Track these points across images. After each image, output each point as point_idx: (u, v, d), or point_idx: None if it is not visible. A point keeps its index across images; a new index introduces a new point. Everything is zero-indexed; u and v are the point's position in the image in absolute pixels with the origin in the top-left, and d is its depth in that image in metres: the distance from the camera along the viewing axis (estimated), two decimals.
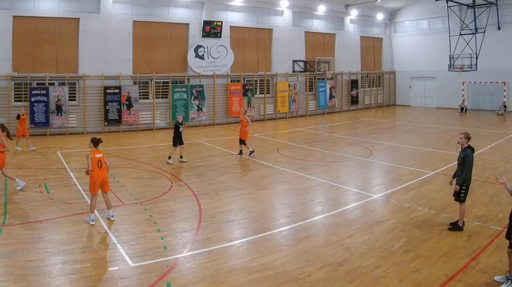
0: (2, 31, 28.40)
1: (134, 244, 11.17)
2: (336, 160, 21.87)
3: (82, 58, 31.13)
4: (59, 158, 22.28)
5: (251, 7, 38.96)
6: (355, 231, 12.06)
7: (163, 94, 34.40)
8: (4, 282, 8.95)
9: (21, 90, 29.43)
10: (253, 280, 9.26)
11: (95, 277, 9.32)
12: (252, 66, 39.41)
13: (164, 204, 14.64)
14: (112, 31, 31.97)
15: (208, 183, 17.45)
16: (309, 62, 42.70)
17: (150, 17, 33.86)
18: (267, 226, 12.62)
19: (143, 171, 19.67)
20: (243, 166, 21.19)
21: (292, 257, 10.44)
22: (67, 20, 30.70)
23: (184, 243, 11.31)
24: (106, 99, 31.51)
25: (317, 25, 44.04)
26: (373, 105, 48.88)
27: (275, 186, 17.27)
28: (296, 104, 41.23)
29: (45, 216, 13.12)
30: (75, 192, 15.82)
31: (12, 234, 11.57)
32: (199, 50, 35.84)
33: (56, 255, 10.35)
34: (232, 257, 10.59)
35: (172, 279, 9.24)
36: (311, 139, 28.65)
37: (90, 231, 12.13)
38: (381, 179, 18.61)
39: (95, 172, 12.59)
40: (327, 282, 9.19)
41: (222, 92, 37.12)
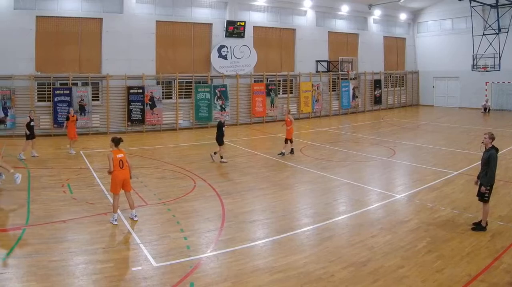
0: (25, 31, 27.32)
1: (157, 244, 10.93)
2: (359, 160, 21.19)
3: (105, 58, 30.02)
4: (82, 158, 21.57)
5: (274, 7, 37.44)
6: (378, 231, 11.75)
7: (186, 94, 33.10)
8: (27, 282, 8.77)
9: (44, 90, 28.41)
10: (276, 280, 9.04)
11: (118, 277, 9.13)
12: (275, 66, 37.88)
13: (187, 204, 14.23)
14: (135, 31, 30.79)
15: (232, 183, 16.99)
16: (332, 62, 41.05)
17: (173, 17, 32.60)
18: (290, 226, 12.29)
19: (166, 171, 19.03)
20: (266, 166, 20.24)
21: (315, 257, 10.18)
22: (90, 20, 29.61)
23: (207, 243, 11.05)
24: (129, 99, 30.35)
25: (340, 25, 42.34)
26: (396, 105, 46.95)
27: (298, 186, 16.80)
28: (319, 104, 39.63)
29: (68, 216, 12.80)
30: (98, 192, 15.42)
31: (35, 234, 11.32)
32: (222, 50, 34.48)
33: (79, 255, 10.14)
34: (255, 257, 10.33)
35: (195, 279, 9.02)
36: (334, 139, 27.62)
37: (113, 231, 11.86)
38: (404, 179, 18.05)
39: (117, 172, 12.25)
40: (350, 282, 8.95)
41: (245, 92, 35.71)
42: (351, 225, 12.39)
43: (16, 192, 15.20)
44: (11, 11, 26.98)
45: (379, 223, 12.46)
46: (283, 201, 14.68)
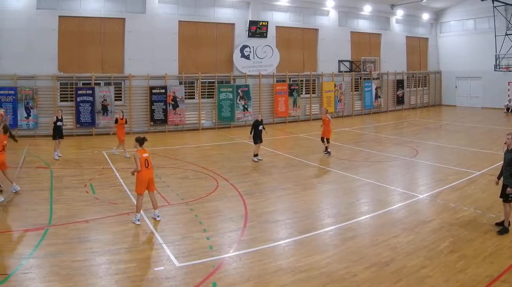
0: (48, 31, 26.38)
1: (179, 244, 10.60)
2: (381, 160, 20.42)
3: (127, 58, 28.92)
4: (104, 157, 20.89)
5: (297, 7, 35.98)
6: (400, 231, 11.39)
7: (208, 94, 31.90)
8: (50, 282, 8.50)
9: (67, 90, 27.42)
10: (299, 280, 8.77)
11: (141, 277, 8.89)
12: (298, 66, 36.39)
13: (210, 204, 13.80)
14: (157, 31, 29.69)
15: (254, 183, 16.42)
16: (355, 62, 39.46)
17: (195, 17, 31.41)
18: (312, 226, 11.93)
19: (189, 171, 18.36)
20: (289, 166, 19.37)
21: (338, 257, 9.88)
22: (112, 20, 28.58)
23: (230, 243, 10.72)
24: (152, 99, 29.26)
25: (363, 25, 40.68)
26: (418, 105, 45.13)
27: (320, 185, 16.34)
28: (342, 104, 38.08)
29: (91, 216, 12.46)
30: (120, 192, 14.96)
31: (58, 234, 11.02)
32: (245, 50, 33.23)
33: (102, 255, 9.86)
34: (278, 257, 10.02)
35: (217, 279, 8.78)
36: (357, 139, 26.53)
37: (136, 231, 11.53)
38: (427, 179, 17.36)
39: (143, 172, 11.88)
40: (373, 282, 8.68)
41: (267, 92, 34.35)
42: (373, 225, 12.05)
43: (38, 192, 14.69)
44: (34, 11, 26.05)
45: (402, 223, 12.08)
46: (305, 201, 14.19)
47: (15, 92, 25.69)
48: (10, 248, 10.20)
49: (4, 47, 25.48)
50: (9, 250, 10.06)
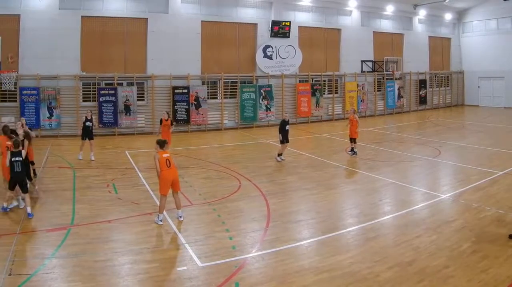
0: (70, 31, 25.29)
1: (202, 244, 10.27)
2: (404, 160, 19.66)
3: (150, 58, 27.73)
4: (127, 157, 20.12)
5: (320, 7, 34.34)
6: (423, 231, 10.98)
7: (231, 94, 30.51)
8: (72, 282, 8.28)
9: (90, 90, 26.32)
10: (322, 280, 8.50)
11: (163, 277, 8.64)
12: (320, 66, 34.76)
13: (232, 204, 13.34)
14: (180, 31, 28.40)
15: (277, 183, 15.85)
16: (377, 62, 37.60)
17: (218, 17, 30.06)
18: (335, 226, 11.57)
19: (212, 170, 17.73)
20: (312, 166, 18.65)
21: (361, 257, 9.54)
22: (135, 20, 27.41)
23: (252, 243, 10.38)
24: (174, 99, 27.99)
25: (386, 25, 38.81)
26: (441, 105, 42.99)
27: (343, 186, 15.76)
28: (364, 104, 36.35)
29: (113, 216, 12.10)
30: (143, 192, 14.47)
31: (81, 234, 10.71)
32: (267, 50, 31.74)
33: (125, 255, 9.57)
34: (301, 257, 9.71)
35: (240, 279, 8.51)
36: (380, 139, 25.28)
37: (158, 231, 11.17)
38: (449, 179, 16.77)
39: (165, 172, 11.47)
40: (395, 282, 8.41)
41: (290, 92, 32.78)
42: (396, 225, 11.67)
43: (61, 192, 14.22)
44: (57, 11, 25.01)
45: (424, 223, 11.64)
46: (328, 201, 13.75)
47: (37, 92, 24.65)
48: (33, 248, 9.91)
49: (27, 47, 24.46)
50: (31, 250, 9.79)
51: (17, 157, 11.83)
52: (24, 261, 9.10)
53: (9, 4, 24.04)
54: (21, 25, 24.41)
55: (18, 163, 11.82)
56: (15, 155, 11.84)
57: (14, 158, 11.79)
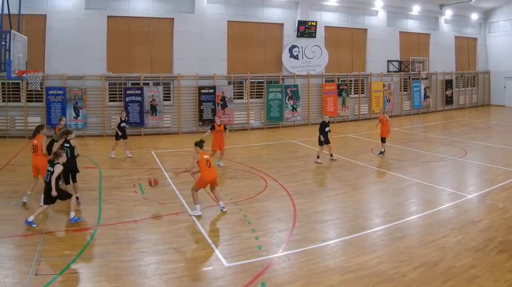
0: (96, 31, 23.82)
1: (228, 244, 9.81)
2: (430, 160, 18.62)
3: (176, 58, 26.07)
4: (153, 157, 19.10)
5: (346, 7, 32.17)
6: (449, 231, 10.46)
7: (257, 94, 28.65)
8: (99, 282, 7.85)
9: (116, 90, 24.78)
10: (348, 280, 8.01)
11: (190, 277, 8.20)
12: (346, 66, 32.60)
13: (258, 204, 12.66)
14: (206, 31, 26.66)
15: (303, 183, 14.96)
16: (403, 62, 35.22)
17: (244, 17, 28.23)
18: (361, 226, 10.98)
19: (238, 170, 16.83)
20: (338, 166, 17.72)
21: (387, 257, 9.05)
22: (161, 20, 25.78)
23: (278, 243, 9.88)
24: (200, 99, 26.28)
25: (412, 25, 36.34)
26: (467, 105, 40.33)
27: (369, 186, 14.93)
28: (390, 104, 33.95)
29: (139, 216, 11.52)
30: (169, 192, 13.67)
31: (107, 234, 10.23)
32: (293, 50, 29.77)
33: (151, 255, 9.12)
34: (327, 257, 9.25)
35: (266, 279, 8.07)
36: (406, 139, 23.73)
37: (184, 231, 10.60)
38: (476, 179, 15.98)
39: (205, 172, 11.36)
40: (421, 282, 7.90)
41: (316, 92, 30.72)
42: (422, 225, 11.09)
43: (87, 192, 13.47)
44: (83, 11, 23.57)
45: (450, 223, 11.10)
46: (354, 201, 13.05)
47: (64, 92, 23.22)
48: (59, 248, 9.39)
49: (53, 47, 23.09)
50: (58, 250, 9.26)
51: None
52: (50, 261, 8.61)
53: (35, 4, 22.59)
54: (47, 25, 23.07)
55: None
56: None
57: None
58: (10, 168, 16.46)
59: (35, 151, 12.00)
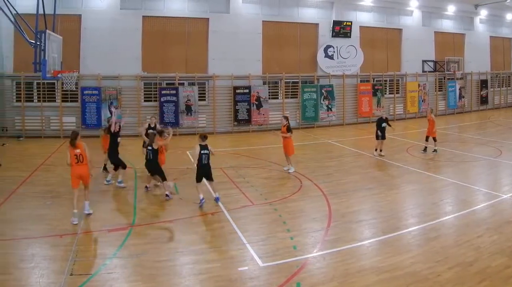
0: (132, 31, 21.56)
1: (263, 244, 8.80)
2: (465, 160, 17.02)
3: (211, 58, 23.53)
4: (188, 158, 17.26)
5: (381, 7, 28.87)
6: (484, 231, 9.32)
7: (292, 94, 25.85)
8: (134, 282, 7.18)
9: (151, 90, 22.40)
10: (383, 280, 7.20)
11: (225, 277, 7.36)
12: (381, 66, 29.33)
13: (293, 204, 11.55)
14: (241, 31, 24.04)
15: (338, 183, 13.69)
16: (438, 62, 31.66)
17: (279, 17, 25.42)
18: (396, 226, 9.84)
19: (273, 171, 15.27)
20: (373, 166, 16.33)
21: (422, 257, 8.10)
22: (196, 20, 23.31)
23: (313, 243, 8.86)
24: (235, 99, 23.73)
25: (447, 25, 32.64)
26: (502, 105, 36.33)
27: (404, 186, 13.61)
28: (425, 104, 30.20)
29: (174, 216, 10.50)
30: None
31: (142, 234, 9.33)
32: (328, 50, 26.81)
33: (186, 255, 8.26)
34: (362, 257, 8.27)
35: (301, 279, 7.24)
36: (441, 139, 20.84)
37: (220, 231, 9.61)
38: (511, 179, 14.56)
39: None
40: (456, 282, 7.14)
41: (351, 92, 27.64)
42: (457, 225, 10.07)
43: (123, 192, 12.48)
44: (118, 11, 21.37)
45: (485, 223, 10.04)
46: (389, 201, 11.93)
47: (99, 92, 21.05)
48: (95, 248, 8.80)
49: (88, 47, 20.96)
50: (93, 250, 8.68)
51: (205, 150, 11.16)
52: (85, 261, 7.94)
53: (70, 4, 20.53)
54: (82, 25, 20.97)
55: (206, 156, 11.16)
56: (203, 148, 11.14)
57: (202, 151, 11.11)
58: (45, 168, 15.02)
59: (80, 160, 10.13)
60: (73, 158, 9.94)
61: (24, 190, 12.19)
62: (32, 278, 7.20)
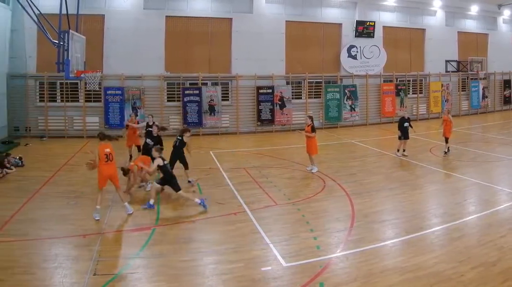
0: (155, 31, 19.95)
1: (287, 244, 8.06)
2: (488, 160, 15.64)
3: (234, 58, 21.74)
4: (212, 157, 16.06)
5: (404, 7, 26.58)
6: (507, 231, 8.47)
7: (315, 94, 23.85)
8: (157, 282, 6.63)
9: (174, 90, 20.72)
10: (406, 280, 6.61)
11: (248, 277, 6.76)
12: (404, 66, 27.00)
13: (316, 204, 10.51)
14: (264, 31, 22.13)
15: (361, 183, 12.55)
16: (462, 62, 29.14)
17: (302, 17, 23.44)
18: (419, 226, 8.93)
19: (296, 171, 14.05)
20: (396, 166, 15.05)
21: (445, 257, 7.38)
22: (220, 20, 21.53)
23: (337, 243, 8.09)
24: (258, 99, 21.88)
25: (470, 25, 30.06)
26: None
27: (427, 186, 12.42)
28: (449, 104, 27.84)
29: (197, 216, 9.58)
30: (228, 192, 11.46)
31: (165, 234, 8.53)
32: (351, 50, 24.76)
33: (209, 255, 7.59)
34: (385, 257, 7.56)
35: (325, 279, 6.67)
36: (464, 139, 19.93)
37: (243, 231, 8.67)
38: None
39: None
40: (479, 282, 6.55)
41: (374, 92, 25.47)
42: (480, 225, 9.01)
43: (145, 192, 11.36)
44: (141, 11, 19.79)
45: (509, 223, 9.01)
46: (412, 201, 10.86)
47: (122, 92, 19.49)
48: (118, 248, 7.98)
49: (111, 47, 19.42)
50: (116, 250, 7.85)
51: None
52: (108, 261, 7.26)
53: (93, 4, 19.02)
54: (105, 25, 19.44)
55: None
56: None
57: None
58: (68, 168, 14.05)
59: (110, 159, 9.34)
60: (103, 156, 9.14)
61: (47, 190, 11.35)
62: (56, 278, 6.64)
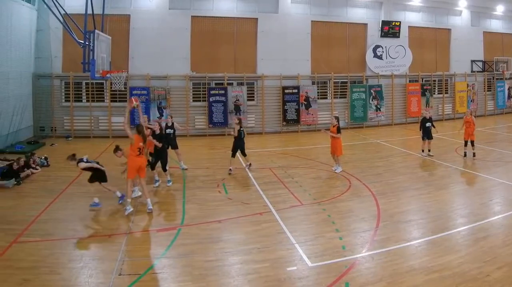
0: (181, 31, 18.18)
1: (312, 244, 7.28)
2: None
3: (260, 58, 19.76)
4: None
5: (430, 7, 24.10)
6: None
7: (341, 94, 21.67)
8: (183, 282, 6.03)
9: (199, 90, 18.91)
10: (432, 280, 5.96)
11: (273, 277, 6.16)
12: (430, 66, 24.53)
13: (342, 204, 9.47)
14: (290, 31, 20.10)
15: (387, 183, 11.25)
16: (487, 62, 26.46)
17: (328, 17, 21.30)
18: (445, 226, 8.05)
19: (322, 171, 12.79)
20: (421, 166, 13.67)
21: (470, 257, 6.67)
22: (245, 20, 19.59)
23: (362, 243, 7.29)
24: (284, 99, 19.89)
25: (496, 25, 27.22)
26: None
27: (453, 186, 11.05)
28: (474, 104, 25.41)
29: (223, 216, 8.69)
30: (253, 192, 10.35)
31: (191, 234, 7.74)
32: (377, 50, 22.48)
33: (235, 255, 6.88)
34: (410, 257, 6.80)
35: (350, 279, 6.04)
36: (489, 139, 18.29)
37: (268, 231, 7.87)
38: None
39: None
40: (505, 282, 5.87)
41: (400, 92, 23.07)
42: (506, 225, 8.01)
43: (171, 192, 10.47)
44: (166, 11, 18.06)
45: None
46: (438, 201, 9.57)
47: (147, 92, 17.80)
48: (143, 248, 7.17)
49: (137, 47, 17.74)
50: (142, 250, 7.06)
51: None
52: (134, 261, 6.54)
53: (119, 4, 17.37)
54: (131, 25, 17.77)
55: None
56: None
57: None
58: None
59: (142, 152, 8.92)
60: (136, 149, 8.65)
61: (73, 190, 10.54)
62: (81, 278, 6.11)
